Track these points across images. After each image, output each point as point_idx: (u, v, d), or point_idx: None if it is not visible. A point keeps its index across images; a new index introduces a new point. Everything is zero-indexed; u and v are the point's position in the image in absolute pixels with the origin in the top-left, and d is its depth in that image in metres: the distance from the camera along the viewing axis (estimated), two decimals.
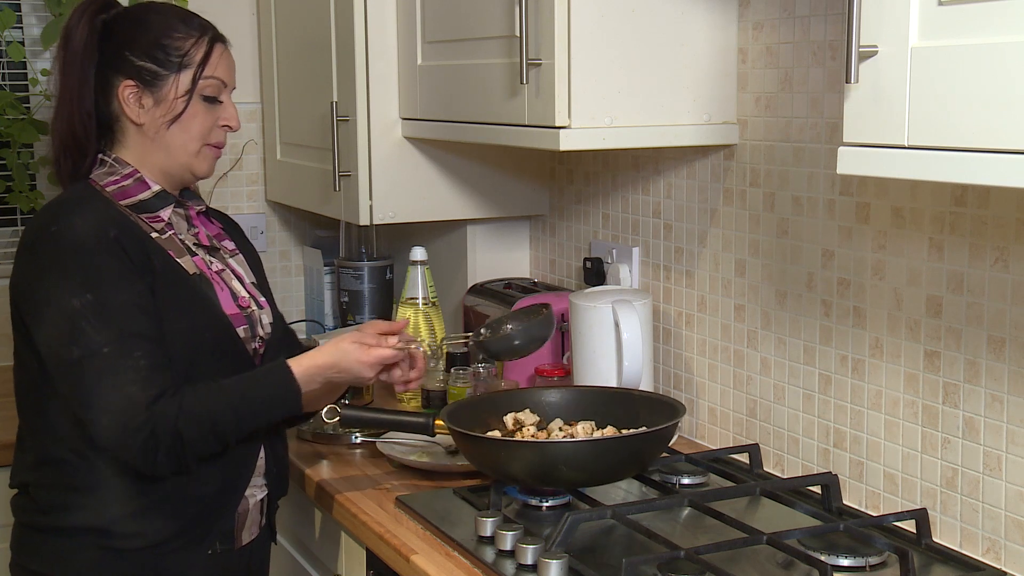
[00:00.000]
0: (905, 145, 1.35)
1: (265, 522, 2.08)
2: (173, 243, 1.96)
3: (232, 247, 2.10)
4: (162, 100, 1.94)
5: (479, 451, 1.97)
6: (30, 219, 1.95)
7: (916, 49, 1.33)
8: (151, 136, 1.95)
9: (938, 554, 1.78)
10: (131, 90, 1.94)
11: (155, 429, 1.79)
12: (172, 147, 1.96)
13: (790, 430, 2.14)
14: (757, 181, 2.18)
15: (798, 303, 2.11)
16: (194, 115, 1.96)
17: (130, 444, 1.79)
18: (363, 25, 2.61)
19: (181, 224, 2.00)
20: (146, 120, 1.95)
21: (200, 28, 1.97)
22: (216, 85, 1.97)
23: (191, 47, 1.95)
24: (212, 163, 2.02)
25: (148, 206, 1.95)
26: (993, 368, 1.75)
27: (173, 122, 1.95)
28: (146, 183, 1.96)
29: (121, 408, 1.78)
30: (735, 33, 2.19)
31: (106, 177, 1.95)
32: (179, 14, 1.99)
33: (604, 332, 2.24)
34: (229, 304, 1.99)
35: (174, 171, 1.98)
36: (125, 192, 1.95)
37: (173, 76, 1.94)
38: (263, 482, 2.05)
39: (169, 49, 1.94)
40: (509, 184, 2.82)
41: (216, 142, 2.00)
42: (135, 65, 1.93)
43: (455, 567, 1.81)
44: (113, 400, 1.78)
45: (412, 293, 2.69)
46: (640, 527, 1.80)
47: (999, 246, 1.72)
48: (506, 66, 2.19)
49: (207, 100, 1.97)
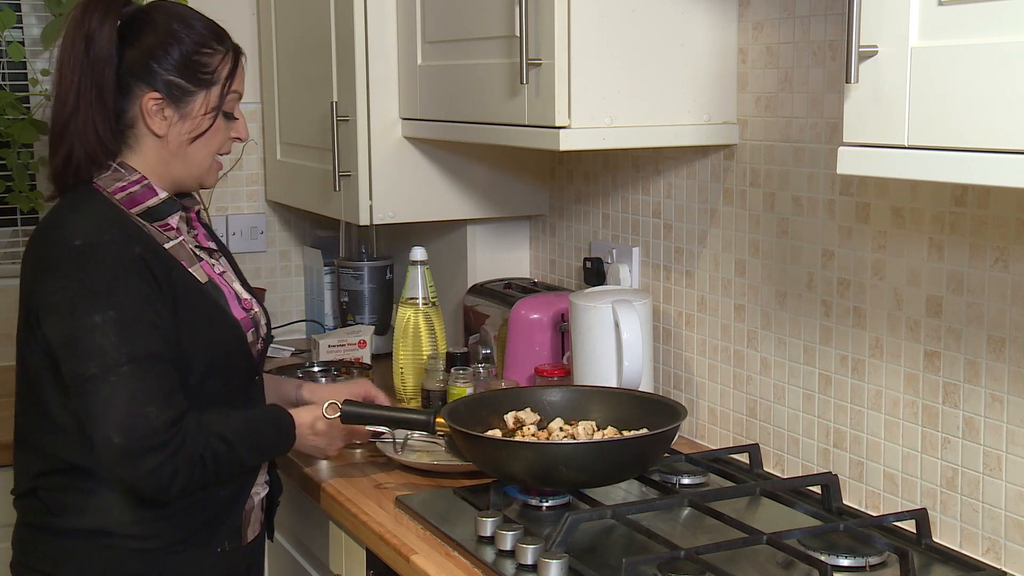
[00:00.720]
0: (905, 145, 1.35)
1: (264, 519, 2.10)
2: (183, 251, 1.94)
3: (215, 247, 2.08)
4: (187, 116, 1.92)
5: (479, 450, 1.97)
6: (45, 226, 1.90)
7: (916, 49, 1.33)
8: (172, 149, 1.93)
9: (938, 554, 1.78)
10: (155, 102, 1.90)
11: (175, 457, 1.78)
12: (192, 161, 1.95)
13: (790, 430, 2.14)
14: (757, 181, 2.18)
15: (798, 303, 2.11)
16: (216, 131, 1.96)
17: (139, 465, 1.77)
18: (363, 25, 2.60)
19: (183, 227, 2.00)
20: (167, 133, 1.92)
21: (227, 43, 1.96)
22: (236, 99, 1.99)
23: (219, 64, 1.94)
24: (218, 173, 2.03)
25: (157, 213, 1.94)
26: (993, 368, 1.75)
27: (197, 138, 1.94)
28: (154, 190, 1.94)
29: (136, 427, 1.76)
30: (735, 33, 2.19)
31: (113, 183, 1.92)
32: (207, 27, 1.96)
33: (604, 332, 2.24)
34: (237, 308, 1.99)
35: (187, 182, 1.98)
36: (133, 199, 1.92)
37: (203, 93, 1.92)
38: (266, 479, 2.07)
39: (200, 65, 1.92)
40: (509, 184, 2.82)
41: (225, 152, 2.02)
42: (164, 79, 1.90)
43: (455, 567, 1.81)
44: (129, 419, 1.76)
45: (412, 293, 2.69)
46: (640, 527, 1.80)
47: (999, 246, 1.72)
48: (506, 66, 2.19)
49: (227, 116, 1.97)
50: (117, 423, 1.76)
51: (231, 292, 2.00)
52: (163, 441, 1.77)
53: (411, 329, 2.64)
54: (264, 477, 2.05)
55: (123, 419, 1.76)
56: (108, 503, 1.88)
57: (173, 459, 1.78)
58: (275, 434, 2.02)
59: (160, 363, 1.81)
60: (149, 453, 1.76)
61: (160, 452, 1.77)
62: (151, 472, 1.78)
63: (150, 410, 1.77)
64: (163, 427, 1.77)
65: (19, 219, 3.25)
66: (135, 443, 1.76)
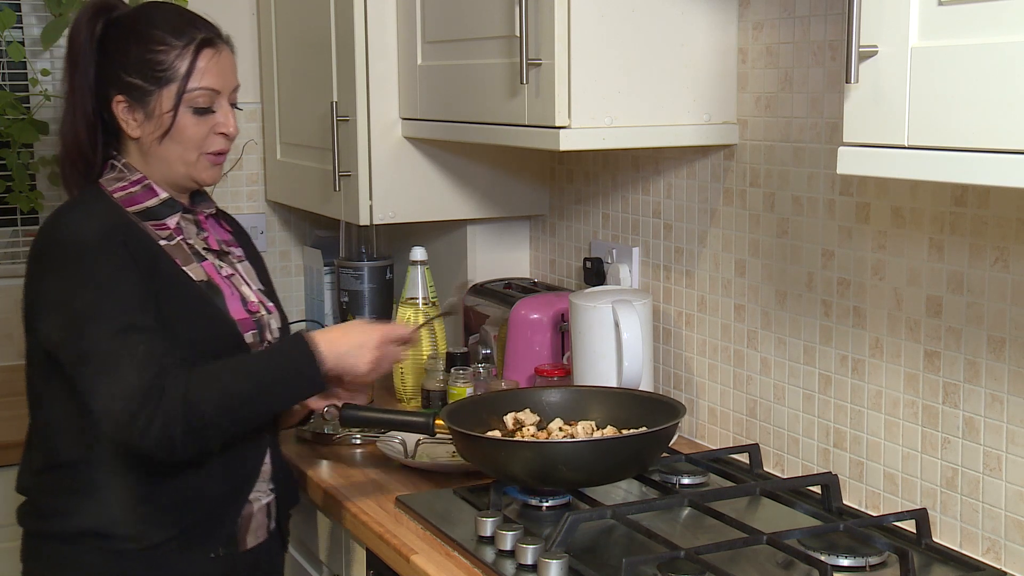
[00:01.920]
0: (905, 145, 1.35)
1: (275, 527, 2.06)
2: (180, 250, 1.95)
3: (240, 254, 2.09)
4: (151, 115, 1.91)
5: (479, 451, 1.97)
6: (42, 225, 1.93)
7: (916, 49, 1.33)
8: (146, 150, 1.94)
9: (938, 554, 1.78)
10: (123, 105, 1.92)
11: (160, 404, 1.75)
12: (169, 159, 1.94)
13: (790, 430, 2.14)
14: (757, 181, 2.18)
15: (798, 303, 2.11)
16: (184, 128, 1.92)
17: (137, 428, 1.75)
18: (363, 25, 2.60)
19: (190, 229, 1.99)
20: (140, 134, 1.93)
21: (187, 37, 1.91)
22: (207, 95, 1.93)
23: (174, 60, 1.90)
24: (215, 170, 1.99)
25: (154, 213, 1.95)
26: (993, 368, 1.75)
27: (164, 136, 1.92)
28: (154, 190, 1.95)
29: (120, 395, 1.76)
30: (735, 33, 2.19)
31: (115, 183, 1.95)
32: (169, 22, 1.93)
33: (604, 332, 2.24)
34: (238, 309, 1.98)
35: (177, 180, 1.97)
36: (132, 199, 1.94)
37: (157, 91, 1.90)
38: (270, 486, 2.03)
39: (153, 64, 1.90)
40: (509, 184, 2.82)
41: (214, 150, 1.96)
42: (124, 80, 1.91)
43: (455, 567, 1.81)
44: (113, 391, 1.77)
45: (412, 293, 2.69)
46: (640, 527, 1.80)
47: (999, 246, 1.72)
48: (506, 66, 2.19)
49: (198, 112, 1.93)
50: (106, 393, 1.77)
51: (233, 293, 1.99)
52: (145, 396, 1.75)
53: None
54: (268, 484, 2.03)
55: (109, 392, 1.77)
56: (95, 503, 1.89)
57: (160, 409, 1.75)
58: (278, 356, 1.91)
59: (141, 332, 1.80)
60: (139, 412, 1.74)
61: (146, 407, 1.75)
62: (146, 430, 1.75)
63: (130, 376, 1.76)
64: (139, 389, 1.75)
65: (19, 219, 3.25)
66: (123, 406, 1.75)
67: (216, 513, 1.96)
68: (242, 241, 2.13)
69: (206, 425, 1.80)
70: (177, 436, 1.77)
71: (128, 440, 1.78)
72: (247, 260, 2.10)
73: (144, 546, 1.90)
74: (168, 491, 1.90)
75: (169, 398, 1.76)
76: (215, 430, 1.83)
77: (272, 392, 1.88)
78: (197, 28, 1.94)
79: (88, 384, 1.79)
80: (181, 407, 1.76)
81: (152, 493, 1.89)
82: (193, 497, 1.92)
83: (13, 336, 2.91)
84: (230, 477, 1.95)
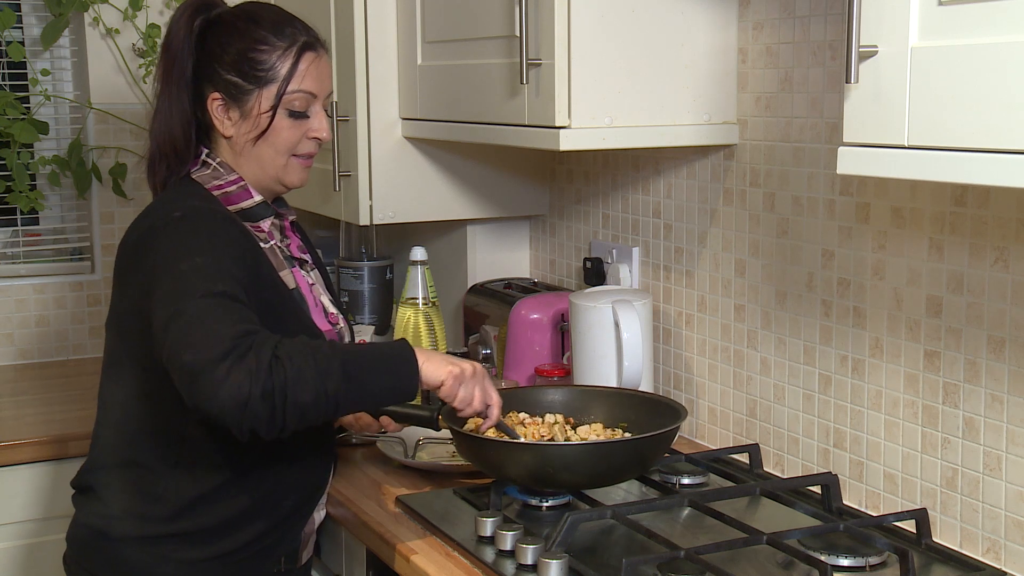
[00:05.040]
0: (905, 145, 1.35)
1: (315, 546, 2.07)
2: (275, 255, 1.92)
3: (311, 262, 2.05)
4: (247, 115, 1.89)
5: (479, 452, 1.97)
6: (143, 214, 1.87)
7: (916, 49, 1.33)
8: (239, 150, 1.91)
9: (938, 554, 1.78)
10: (219, 103, 1.89)
11: (245, 359, 1.58)
12: (261, 161, 1.91)
13: (790, 430, 2.14)
14: (757, 181, 2.18)
15: (798, 303, 2.11)
16: (279, 130, 1.90)
17: (216, 376, 1.57)
18: (363, 25, 2.60)
19: (276, 233, 1.96)
20: (233, 134, 1.90)
21: (289, 38, 1.90)
22: (304, 98, 1.90)
23: (276, 60, 1.88)
24: (303, 173, 1.96)
25: (251, 215, 1.91)
26: (993, 368, 1.75)
27: (259, 138, 1.89)
28: (249, 191, 1.92)
29: (205, 343, 1.60)
30: (735, 33, 2.19)
31: (211, 180, 1.91)
32: (272, 21, 1.91)
33: (604, 332, 2.24)
34: (321, 320, 1.96)
35: (265, 182, 1.94)
36: (229, 198, 1.90)
37: (257, 91, 1.88)
38: (325, 501, 2.04)
39: (255, 63, 1.87)
40: (509, 184, 2.82)
41: (305, 153, 1.94)
42: (223, 78, 1.88)
43: (455, 567, 1.81)
44: (199, 337, 1.61)
45: (412, 293, 2.69)
46: (640, 527, 1.80)
47: (999, 246, 1.72)
48: (506, 66, 2.19)
49: (293, 115, 1.90)
50: (189, 344, 1.61)
51: (316, 304, 1.97)
52: (229, 348, 1.59)
53: (411, 329, 2.64)
54: (324, 499, 2.02)
55: (194, 339, 1.61)
56: (166, 506, 1.85)
57: (243, 363, 1.58)
58: (375, 348, 1.81)
59: (237, 302, 1.68)
60: (222, 360, 1.58)
61: (231, 355, 1.58)
62: (223, 380, 1.57)
63: (220, 327, 1.62)
64: (230, 337, 1.60)
65: (19, 219, 3.25)
66: (203, 355, 1.58)
67: (286, 527, 1.94)
68: (310, 249, 2.10)
69: (286, 391, 1.61)
70: (255, 395, 1.58)
71: (203, 390, 1.59)
72: (315, 268, 2.06)
73: (214, 554, 1.87)
74: (242, 501, 1.87)
75: (255, 354, 1.60)
76: (292, 406, 1.62)
77: (360, 380, 1.70)
78: (299, 30, 1.92)
79: (176, 336, 1.62)
80: (267, 365, 1.59)
81: (229, 500, 1.87)
82: (267, 508, 1.89)
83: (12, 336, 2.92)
84: (301, 489, 1.94)
